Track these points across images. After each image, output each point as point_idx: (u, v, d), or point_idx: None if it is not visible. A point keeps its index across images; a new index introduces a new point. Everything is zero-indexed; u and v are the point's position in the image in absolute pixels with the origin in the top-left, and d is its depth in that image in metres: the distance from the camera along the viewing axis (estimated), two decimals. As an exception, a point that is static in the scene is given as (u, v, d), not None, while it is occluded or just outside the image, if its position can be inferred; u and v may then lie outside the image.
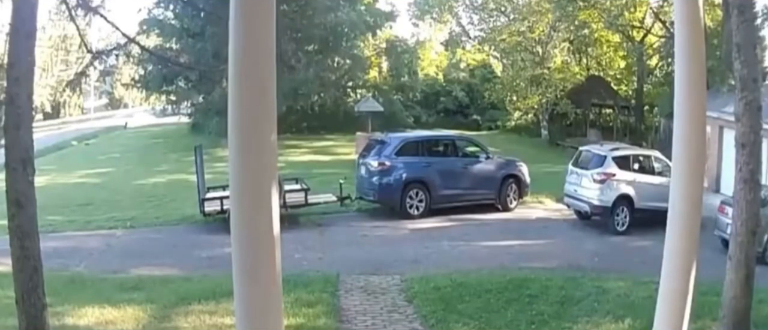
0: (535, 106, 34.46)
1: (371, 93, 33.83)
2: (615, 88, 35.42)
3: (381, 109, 29.06)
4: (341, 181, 17.11)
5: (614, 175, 16.03)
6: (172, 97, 34.98)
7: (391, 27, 37.76)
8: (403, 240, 15.04)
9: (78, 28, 11.63)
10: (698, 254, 3.25)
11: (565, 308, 10.23)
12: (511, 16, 36.12)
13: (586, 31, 34.05)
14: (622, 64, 36.91)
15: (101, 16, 11.10)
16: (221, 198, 16.05)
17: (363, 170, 17.87)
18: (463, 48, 42.22)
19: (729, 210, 11.21)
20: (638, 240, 14.86)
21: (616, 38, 35.12)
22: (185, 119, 35.45)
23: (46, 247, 7.33)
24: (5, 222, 6.97)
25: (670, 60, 28.78)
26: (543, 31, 34.27)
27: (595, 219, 16.42)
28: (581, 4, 31.38)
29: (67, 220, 16.18)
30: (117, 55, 15.71)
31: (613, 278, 11.76)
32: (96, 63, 15.74)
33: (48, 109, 52.48)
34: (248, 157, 2.35)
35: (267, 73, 2.27)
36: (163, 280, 11.55)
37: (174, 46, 33.23)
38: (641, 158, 16.99)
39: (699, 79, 3.07)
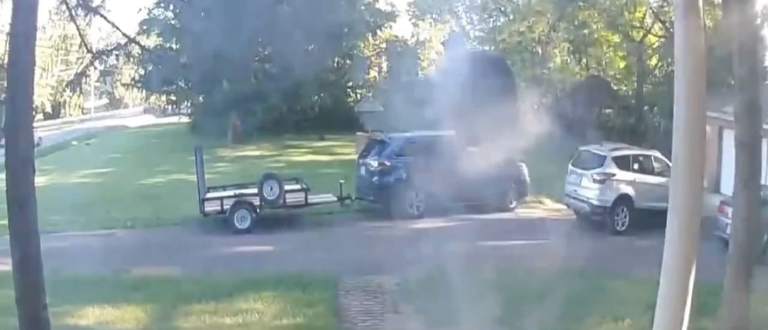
0: (535, 106, 34.41)
1: (371, 93, 33.82)
2: (615, 88, 35.36)
3: (381, 109, 29.03)
4: (341, 181, 17.11)
5: (614, 175, 16.02)
6: (172, 97, 35.01)
7: (391, 27, 37.77)
8: (403, 240, 15.02)
9: (78, 28, 11.63)
10: (698, 254, 3.26)
11: (565, 308, 10.22)
12: (511, 16, 36.11)
13: (586, 31, 34.01)
14: (622, 64, 36.86)
15: (101, 16, 11.09)
16: (221, 198, 16.07)
17: (363, 170, 17.85)
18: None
19: (729, 210, 11.19)
20: (638, 240, 14.85)
21: (616, 38, 35.08)
22: (185, 119, 35.45)
23: (46, 247, 7.32)
24: (5, 222, 6.97)
25: (670, 60, 28.74)
26: (543, 31, 34.25)
27: (595, 219, 16.41)
28: (581, 4, 31.34)
29: (67, 220, 16.17)
30: (117, 55, 15.70)
31: (613, 278, 11.76)
32: (96, 63, 15.73)
33: (48, 109, 52.48)
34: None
35: None
36: (163, 280, 11.55)
37: (174, 46, 33.26)
38: (641, 158, 16.96)
39: (699, 79, 3.07)
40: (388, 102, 27.48)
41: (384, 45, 37.04)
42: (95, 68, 22.42)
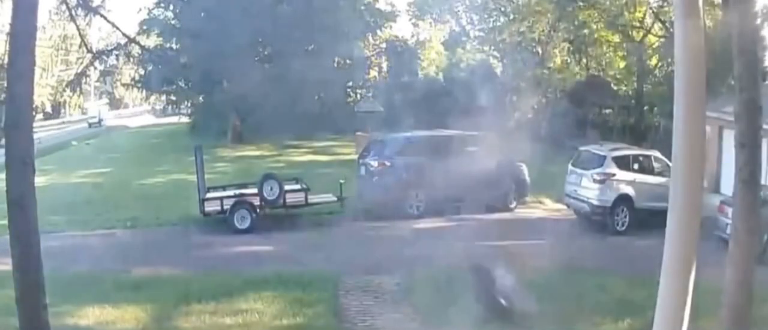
0: (535, 106, 34.40)
1: (371, 93, 33.82)
2: (615, 88, 35.37)
3: (381, 109, 29.05)
4: (341, 181, 17.10)
5: (614, 175, 16.01)
6: (172, 97, 35.02)
7: (391, 27, 37.78)
8: (403, 240, 15.03)
9: (78, 28, 11.65)
10: (698, 254, 3.25)
11: (564, 308, 10.22)
12: (511, 16, 36.10)
13: (586, 31, 34.02)
14: (622, 64, 36.87)
15: (101, 16, 11.12)
16: (221, 198, 16.07)
17: (363, 170, 17.85)
18: (463, 48, 42.23)
19: (729, 210, 11.17)
20: (638, 240, 14.85)
21: (616, 38, 35.08)
22: (185, 119, 35.45)
23: (46, 247, 7.32)
24: (5, 222, 6.97)
25: (670, 60, 28.74)
26: (543, 31, 34.25)
27: (595, 219, 16.40)
28: (581, 4, 31.33)
29: (67, 220, 16.18)
30: (117, 55, 15.74)
31: (613, 278, 11.75)
32: (96, 63, 15.78)
33: (48, 109, 52.52)
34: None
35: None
36: (163, 280, 11.55)
37: (174, 46, 33.27)
38: (641, 158, 16.96)
39: (699, 79, 3.07)
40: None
41: (384, 45, 37.05)
42: (95, 68, 22.47)
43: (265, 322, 9.78)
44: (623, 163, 16.30)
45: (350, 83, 35.96)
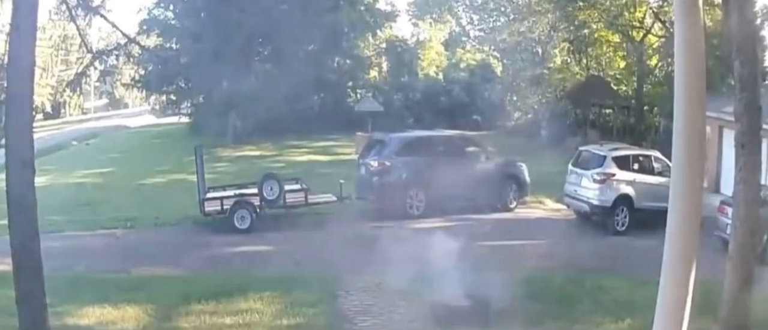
0: (535, 106, 34.42)
1: (371, 93, 33.82)
2: (615, 88, 35.34)
3: (381, 109, 29.06)
4: (341, 181, 17.10)
5: (614, 175, 16.02)
6: (172, 97, 35.00)
7: (391, 27, 37.78)
8: (403, 240, 15.00)
9: (78, 28, 11.64)
10: (698, 254, 3.26)
11: (565, 308, 10.23)
12: (511, 16, 36.11)
13: (586, 31, 34.01)
14: (622, 64, 36.85)
15: (101, 16, 11.11)
16: (221, 198, 16.08)
17: (363, 170, 17.84)
18: (463, 48, 42.26)
19: (729, 210, 11.18)
20: (638, 240, 14.85)
21: (616, 38, 35.07)
22: (185, 119, 35.43)
23: (46, 247, 7.32)
24: (5, 222, 6.97)
25: (670, 60, 28.72)
26: (543, 31, 34.24)
27: (595, 219, 16.41)
28: (581, 4, 31.33)
29: (67, 220, 16.17)
30: (117, 55, 15.75)
31: (613, 278, 11.75)
32: (96, 63, 15.78)
33: (48, 109, 52.49)
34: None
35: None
36: (163, 280, 11.56)
37: (174, 46, 33.25)
38: (641, 158, 16.97)
39: (699, 79, 3.07)
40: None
41: (384, 45, 37.05)
42: (95, 68, 22.48)
43: (266, 322, 9.78)
44: (623, 163, 16.31)
45: (350, 83, 35.95)
